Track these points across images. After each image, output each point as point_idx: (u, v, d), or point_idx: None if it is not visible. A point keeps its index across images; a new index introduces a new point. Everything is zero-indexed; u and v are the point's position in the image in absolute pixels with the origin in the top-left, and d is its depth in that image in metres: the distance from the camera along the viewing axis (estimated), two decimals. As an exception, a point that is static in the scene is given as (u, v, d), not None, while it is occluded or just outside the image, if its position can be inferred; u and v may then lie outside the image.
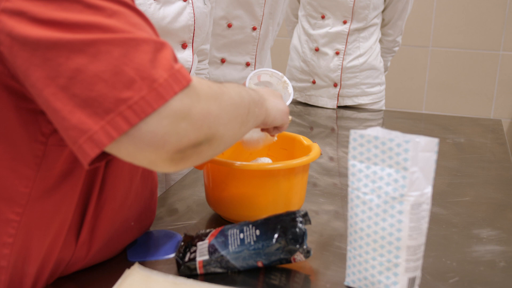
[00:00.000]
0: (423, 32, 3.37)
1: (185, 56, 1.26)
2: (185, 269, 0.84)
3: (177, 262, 0.85)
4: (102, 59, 0.61)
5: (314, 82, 2.13)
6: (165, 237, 0.97)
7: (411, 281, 0.79)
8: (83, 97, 0.61)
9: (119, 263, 0.88)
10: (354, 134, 0.79)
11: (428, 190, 0.79)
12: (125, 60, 0.61)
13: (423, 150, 0.77)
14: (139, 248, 0.93)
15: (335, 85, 2.10)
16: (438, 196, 1.19)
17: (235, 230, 0.86)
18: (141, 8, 1.13)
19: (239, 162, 0.98)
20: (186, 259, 0.85)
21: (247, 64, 1.80)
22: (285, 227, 0.84)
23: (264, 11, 1.74)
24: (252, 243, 0.84)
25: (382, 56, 2.20)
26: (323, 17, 2.05)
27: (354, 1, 1.97)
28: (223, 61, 1.77)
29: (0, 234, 0.73)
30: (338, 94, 2.11)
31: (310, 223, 0.89)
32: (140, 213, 0.92)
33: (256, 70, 1.11)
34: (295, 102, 2.22)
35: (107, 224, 0.83)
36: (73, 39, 0.61)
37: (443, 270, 0.88)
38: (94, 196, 0.80)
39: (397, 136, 0.77)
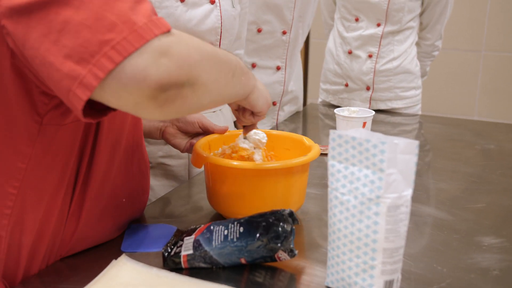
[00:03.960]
0: (475, 36, 3.26)
1: None
2: (170, 263, 0.86)
3: (163, 256, 0.87)
4: (86, 8, 0.65)
5: (347, 85, 2.11)
6: (163, 231, 1.00)
7: (388, 284, 0.78)
8: (71, 46, 0.65)
9: (111, 252, 0.91)
10: (333, 134, 0.78)
11: (408, 192, 0.77)
12: (107, 7, 0.66)
13: (402, 152, 0.76)
14: (134, 240, 0.96)
15: (368, 88, 2.07)
16: (448, 202, 1.15)
17: (220, 227, 0.87)
18: (168, 10, 1.16)
19: (236, 162, 0.99)
20: (172, 253, 0.87)
21: (278, 68, 1.81)
22: (268, 225, 0.84)
23: (294, 15, 1.74)
24: (235, 240, 0.85)
25: (420, 60, 2.14)
26: (357, 20, 2.02)
27: (388, 4, 1.94)
28: (253, 66, 1.78)
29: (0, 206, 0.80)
30: (370, 98, 2.08)
31: (297, 222, 0.89)
32: (132, 191, 0.97)
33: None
34: (328, 105, 2.20)
35: (94, 197, 0.88)
36: None
37: (431, 276, 0.85)
38: (82, 170, 0.86)
39: (374, 137, 0.76)
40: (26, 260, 0.84)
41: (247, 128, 1.04)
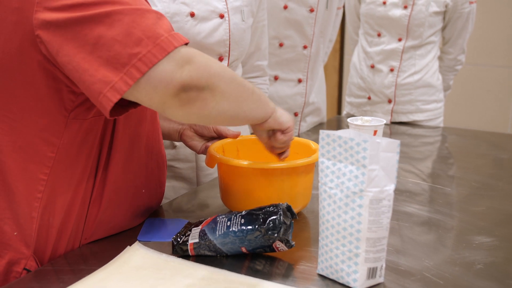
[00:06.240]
0: (510, 52, 3.26)
1: None
2: (178, 250, 0.96)
3: (173, 244, 0.96)
4: (116, 26, 0.80)
5: (369, 98, 2.18)
6: (177, 225, 1.09)
7: (371, 271, 0.85)
8: (105, 58, 0.80)
9: (129, 240, 1.01)
10: (322, 133, 0.87)
11: (390, 187, 0.84)
12: (134, 25, 0.80)
13: (384, 150, 0.83)
14: (150, 231, 1.06)
15: (389, 101, 2.14)
16: (448, 206, 1.21)
17: (224, 218, 0.96)
18: (178, 24, 1.27)
19: (245, 161, 1.08)
20: (180, 241, 0.96)
21: (299, 81, 1.89)
22: (266, 217, 0.93)
23: (315, 30, 1.83)
24: (236, 230, 0.94)
25: (443, 74, 2.19)
26: (379, 35, 2.10)
27: (408, 19, 2.01)
28: (276, 78, 1.88)
29: (32, 190, 0.92)
30: (392, 110, 2.14)
31: (295, 217, 0.97)
32: (150, 183, 1.09)
33: None
34: (352, 117, 2.28)
35: (113, 185, 1.00)
36: (93, 14, 0.80)
37: (417, 267, 0.92)
38: (102, 161, 0.98)
39: (359, 136, 0.84)
40: (54, 239, 0.95)
41: (282, 155, 1.11)
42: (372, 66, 2.14)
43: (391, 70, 2.10)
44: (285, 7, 1.77)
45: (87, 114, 0.92)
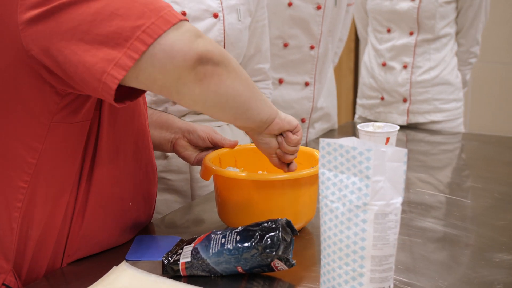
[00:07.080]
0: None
1: None
2: (169, 270, 0.95)
3: (163, 263, 0.96)
4: (114, 0, 0.81)
5: (382, 99, 2.18)
6: (169, 242, 1.09)
7: (378, 292, 0.83)
8: (105, 34, 0.80)
9: (117, 260, 1.00)
10: (322, 142, 0.86)
11: (397, 200, 0.83)
12: None
13: (390, 160, 0.82)
14: (140, 249, 1.05)
15: (405, 100, 2.13)
16: (467, 219, 1.20)
17: (219, 235, 0.96)
18: None
19: (243, 173, 1.07)
20: (171, 260, 0.95)
21: (306, 84, 1.88)
22: (264, 233, 0.92)
23: (322, 29, 1.82)
24: (230, 248, 0.93)
25: (458, 69, 2.18)
26: (388, 31, 2.11)
27: (417, 11, 2.01)
28: (280, 81, 1.87)
29: (12, 199, 0.92)
30: (408, 110, 2.13)
31: (296, 233, 0.96)
32: (138, 195, 1.08)
33: None
34: (365, 121, 2.26)
35: (98, 196, 1.00)
36: None
37: (429, 287, 0.90)
38: (86, 169, 0.97)
39: (362, 144, 0.83)
40: (32, 253, 0.95)
41: (289, 166, 1.10)
42: (384, 64, 2.14)
43: (405, 66, 2.10)
44: (290, 4, 1.77)
45: (73, 118, 0.92)
